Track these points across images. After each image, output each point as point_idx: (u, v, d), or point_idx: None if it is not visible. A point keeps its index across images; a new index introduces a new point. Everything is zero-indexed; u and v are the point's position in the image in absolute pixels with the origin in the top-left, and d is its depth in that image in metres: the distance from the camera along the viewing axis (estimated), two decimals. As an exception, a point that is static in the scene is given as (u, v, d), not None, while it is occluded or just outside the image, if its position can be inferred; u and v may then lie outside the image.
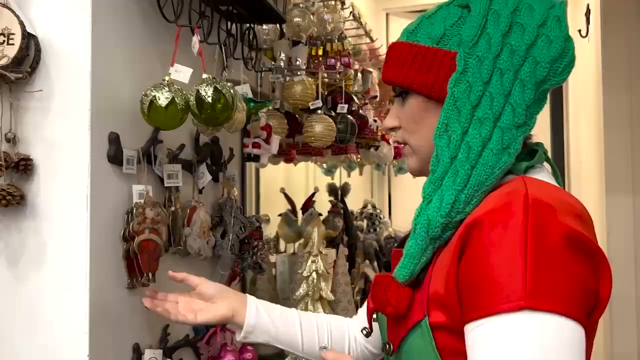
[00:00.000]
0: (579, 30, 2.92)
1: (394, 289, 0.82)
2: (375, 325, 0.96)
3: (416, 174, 0.96)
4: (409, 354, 0.83)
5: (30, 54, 1.14)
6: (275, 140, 1.64)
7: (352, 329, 1.19)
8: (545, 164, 0.90)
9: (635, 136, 2.94)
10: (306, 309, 1.92)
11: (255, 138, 1.61)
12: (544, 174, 0.86)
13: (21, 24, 1.13)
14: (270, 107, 1.75)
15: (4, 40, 1.12)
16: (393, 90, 0.94)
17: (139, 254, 1.21)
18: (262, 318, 1.13)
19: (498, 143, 0.80)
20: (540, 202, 0.74)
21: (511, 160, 0.81)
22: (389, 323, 0.88)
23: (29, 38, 1.13)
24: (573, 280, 0.72)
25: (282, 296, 2.14)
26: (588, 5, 2.98)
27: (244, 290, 1.89)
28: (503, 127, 0.81)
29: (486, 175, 0.80)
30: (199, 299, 1.14)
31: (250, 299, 1.16)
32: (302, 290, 1.97)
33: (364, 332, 0.96)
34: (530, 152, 0.88)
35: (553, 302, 0.70)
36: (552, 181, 0.86)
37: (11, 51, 1.12)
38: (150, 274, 1.23)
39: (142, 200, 1.24)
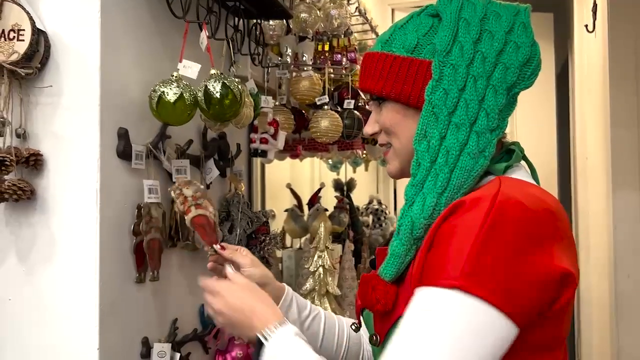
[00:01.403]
0: (586, 26, 2.91)
1: (382, 288, 0.87)
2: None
3: (397, 176, 0.99)
4: None
5: (40, 50, 1.15)
6: (282, 136, 1.64)
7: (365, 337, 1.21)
8: (523, 162, 0.94)
9: (642, 132, 2.93)
10: (313, 304, 1.92)
11: (262, 133, 1.62)
12: (521, 173, 0.90)
13: (31, 20, 1.13)
14: (277, 103, 1.76)
15: (14, 36, 1.13)
16: (370, 96, 0.98)
17: (197, 230, 1.17)
18: (292, 314, 1.15)
19: (475, 147, 0.84)
20: (509, 198, 0.78)
21: (487, 163, 0.85)
22: (376, 316, 0.92)
23: (38, 34, 1.14)
24: (520, 276, 0.75)
25: (289, 291, 2.14)
26: (595, 0, 2.96)
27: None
28: (478, 131, 0.85)
29: (464, 178, 0.84)
30: None
31: (288, 291, 1.17)
32: (308, 285, 1.98)
33: (353, 327, 1.03)
34: (507, 152, 0.92)
35: (484, 290, 0.74)
36: (530, 179, 0.90)
37: (21, 47, 1.12)
38: (155, 272, 1.23)
39: (150, 200, 1.24)
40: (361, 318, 1.02)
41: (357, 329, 1.04)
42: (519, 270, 0.75)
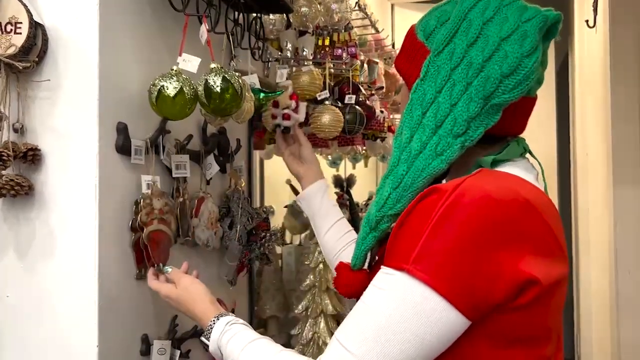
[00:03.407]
0: (587, 21, 2.90)
1: (346, 274, 0.93)
2: None
3: None
4: None
5: (37, 43, 1.13)
6: (303, 107, 1.63)
7: None
8: (528, 159, 0.93)
9: (643, 127, 2.92)
10: (313, 300, 1.91)
11: (284, 109, 1.59)
12: (514, 168, 0.88)
13: (28, 12, 1.12)
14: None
15: (11, 29, 1.11)
16: None
17: (149, 245, 1.20)
18: (312, 200, 1.40)
19: (432, 149, 0.85)
20: (473, 187, 0.78)
21: (442, 167, 0.85)
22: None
23: (36, 27, 1.12)
24: (469, 267, 0.75)
25: (289, 287, 2.14)
26: (596, -5, 2.95)
27: (251, 281, 1.89)
28: (441, 134, 0.85)
29: (414, 178, 0.85)
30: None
31: (323, 182, 1.44)
32: (309, 281, 1.96)
33: None
34: (506, 147, 0.91)
35: (428, 275, 0.75)
36: (525, 175, 0.88)
37: (18, 40, 1.11)
38: (160, 265, 1.22)
39: (149, 191, 1.23)
40: None
41: None
42: (469, 261, 0.75)
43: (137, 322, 1.25)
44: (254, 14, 1.62)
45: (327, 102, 1.79)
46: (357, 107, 1.88)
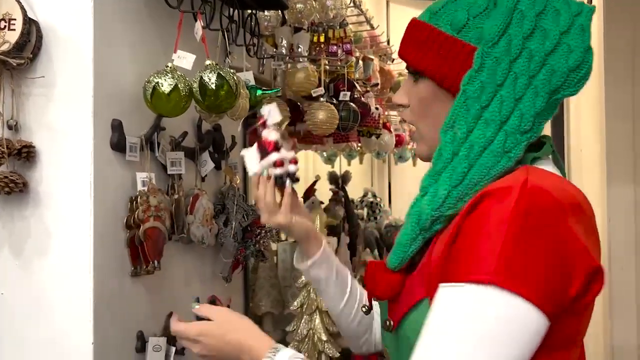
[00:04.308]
0: (581, 18, 2.90)
1: (382, 275, 0.86)
2: (375, 303, 1.01)
3: (423, 159, 0.96)
4: (408, 331, 0.84)
5: (31, 40, 1.12)
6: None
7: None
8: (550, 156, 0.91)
9: (637, 125, 2.94)
10: (308, 297, 1.92)
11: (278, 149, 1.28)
12: (549, 166, 0.87)
13: (22, 9, 1.11)
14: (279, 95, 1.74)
15: (5, 26, 1.10)
16: (407, 66, 0.93)
17: (145, 242, 1.20)
18: (330, 259, 1.14)
19: (500, 146, 0.81)
20: (537, 188, 0.75)
21: (510, 165, 0.81)
22: (390, 302, 0.90)
23: (30, 23, 1.12)
24: (550, 267, 0.73)
25: (284, 284, 2.14)
26: (590, -8, 2.95)
27: (246, 278, 1.89)
28: (508, 131, 0.81)
29: (481, 176, 0.81)
30: None
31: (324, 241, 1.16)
32: (304, 277, 1.97)
33: (364, 309, 1.02)
34: (538, 144, 0.88)
35: (519, 285, 0.71)
36: (557, 172, 0.87)
37: (12, 37, 1.10)
38: (156, 262, 1.22)
39: (146, 188, 1.23)
40: (373, 302, 1.01)
41: (367, 312, 1.02)
42: (553, 263, 0.73)
43: (132, 319, 1.25)
44: (249, 11, 1.61)
45: (322, 99, 1.79)
46: (351, 104, 1.89)
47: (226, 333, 0.95)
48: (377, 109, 2.26)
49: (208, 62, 1.22)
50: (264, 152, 1.07)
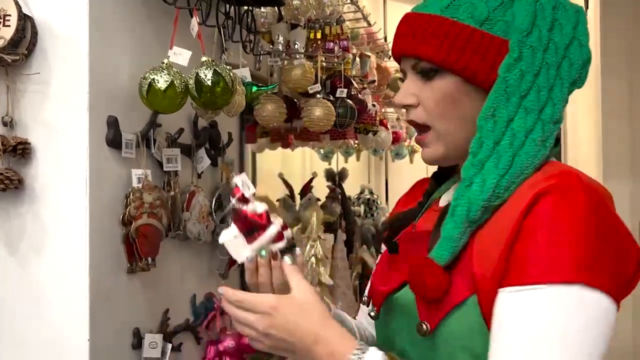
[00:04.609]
0: (578, 15, 2.91)
1: (436, 274, 0.79)
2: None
3: (437, 162, 0.91)
4: (449, 333, 0.80)
5: (26, 36, 1.12)
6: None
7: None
8: None
9: (634, 122, 2.94)
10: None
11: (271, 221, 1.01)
12: (556, 160, 0.88)
13: (17, 5, 1.11)
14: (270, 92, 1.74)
15: (-1, 22, 1.10)
16: (416, 65, 0.87)
17: (137, 239, 1.20)
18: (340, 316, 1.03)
19: (539, 135, 0.81)
20: (589, 182, 0.77)
21: (547, 153, 0.82)
22: (422, 303, 0.83)
23: (25, 19, 1.12)
24: (619, 259, 0.74)
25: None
26: (587, -11, 2.96)
27: (243, 275, 1.89)
28: (544, 120, 0.81)
29: (527, 164, 0.80)
30: None
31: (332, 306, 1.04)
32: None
33: (372, 315, 0.94)
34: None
35: (601, 281, 0.72)
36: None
37: (7, 33, 1.10)
38: (149, 259, 1.22)
39: (139, 185, 1.23)
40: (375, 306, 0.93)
41: (376, 317, 0.94)
42: (619, 255, 0.74)
43: (128, 316, 1.25)
44: (246, 7, 1.61)
45: (318, 96, 1.79)
46: (348, 100, 1.88)
47: (305, 314, 0.81)
48: (374, 105, 2.25)
49: (204, 58, 1.22)
50: (252, 230, 0.86)
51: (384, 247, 1.00)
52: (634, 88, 2.92)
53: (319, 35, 1.89)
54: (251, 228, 0.86)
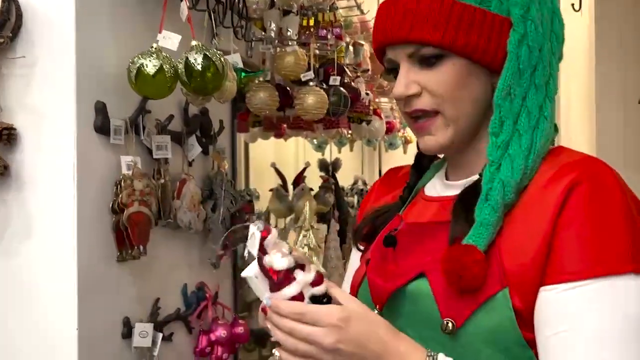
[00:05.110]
0: (572, 4, 2.89)
1: (473, 261, 0.73)
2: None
3: (441, 149, 0.86)
4: (478, 329, 0.75)
5: (11, 19, 1.10)
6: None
7: None
8: None
9: (628, 112, 2.94)
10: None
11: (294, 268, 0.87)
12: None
13: (1, -14, 1.08)
14: (261, 79, 1.72)
15: (-17, 4, 1.07)
16: (410, 54, 0.81)
17: (129, 227, 1.18)
18: None
19: (548, 113, 0.80)
20: (610, 167, 0.76)
21: (554, 133, 0.82)
22: (444, 299, 0.77)
23: (9, 2, 1.09)
24: None
25: (273, 271, 2.12)
26: (582, -21, 2.94)
27: (235, 265, 1.87)
28: (549, 96, 0.81)
29: (544, 142, 0.79)
30: None
31: None
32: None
33: (376, 311, 0.84)
34: None
35: None
36: None
37: (-9, 15, 1.07)
38: (141, 247, 1.20)
39: (130, 172, 1.21)
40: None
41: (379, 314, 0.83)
42: None
43: (118, 305, 1.23)
44: (237, -8, 1.58)
45: (311, 84, 1.77)
46: (341, 88, 1.86)
47: (372, 325, 0.74)
48: (367, 94, 2.23)
49: (194, 42, 1.20)
50: (283, 279, 0.75)
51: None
52: (628, 80, 2.92)
53: (311, 23, 1.86)
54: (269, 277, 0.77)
